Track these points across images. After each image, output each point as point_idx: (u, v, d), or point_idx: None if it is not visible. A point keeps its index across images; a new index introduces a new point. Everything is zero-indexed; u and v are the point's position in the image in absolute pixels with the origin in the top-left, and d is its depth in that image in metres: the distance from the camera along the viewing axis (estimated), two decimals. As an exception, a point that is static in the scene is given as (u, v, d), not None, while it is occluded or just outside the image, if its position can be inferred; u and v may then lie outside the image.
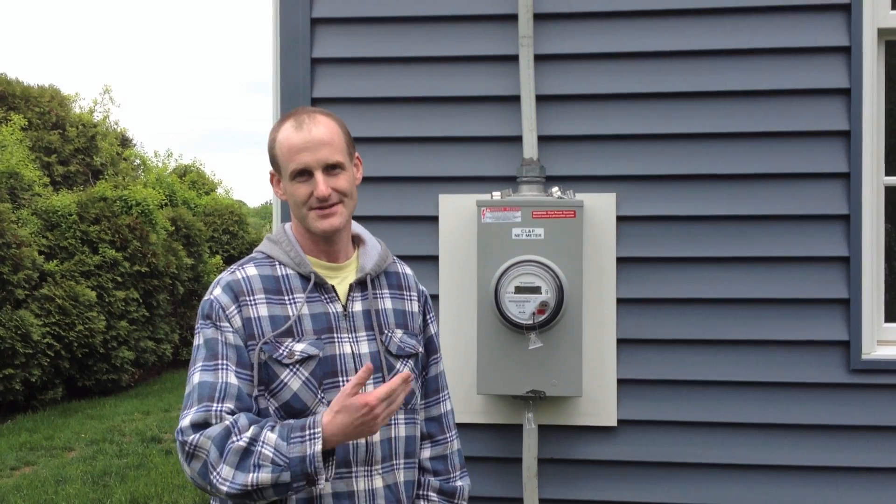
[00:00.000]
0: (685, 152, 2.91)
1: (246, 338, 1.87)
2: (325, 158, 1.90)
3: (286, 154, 1.90)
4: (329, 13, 3.02)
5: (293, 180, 1.91)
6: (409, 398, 2.00)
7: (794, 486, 2.89)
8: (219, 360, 1.84)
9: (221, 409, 1.79)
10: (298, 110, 1.97)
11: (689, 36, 2.90)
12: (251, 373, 1.85)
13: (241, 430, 1.76)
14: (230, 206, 16.19)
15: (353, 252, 2.04)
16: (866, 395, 2.86)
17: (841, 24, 2.85)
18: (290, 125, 1.92)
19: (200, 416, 1.78)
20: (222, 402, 1.80)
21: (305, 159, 1.89)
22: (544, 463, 2.95)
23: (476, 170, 2.98)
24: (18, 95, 12.58)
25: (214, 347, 1.85)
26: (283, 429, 1.77)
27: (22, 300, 9.41)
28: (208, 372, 1.83)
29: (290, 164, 1.90)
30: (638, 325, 2.93)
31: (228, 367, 1.84)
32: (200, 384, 1.82)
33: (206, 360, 1.85)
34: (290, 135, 1.91)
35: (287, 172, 1.91)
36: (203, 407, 1.79)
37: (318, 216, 1.91)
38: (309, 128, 1.90)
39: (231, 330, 1.86)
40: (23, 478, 6.89)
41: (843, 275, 2.86)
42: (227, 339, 1.86)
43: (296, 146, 1.89)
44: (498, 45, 2.96)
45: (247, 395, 1.84)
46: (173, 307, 12.58)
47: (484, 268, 2.81)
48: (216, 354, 1.85)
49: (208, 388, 1.81)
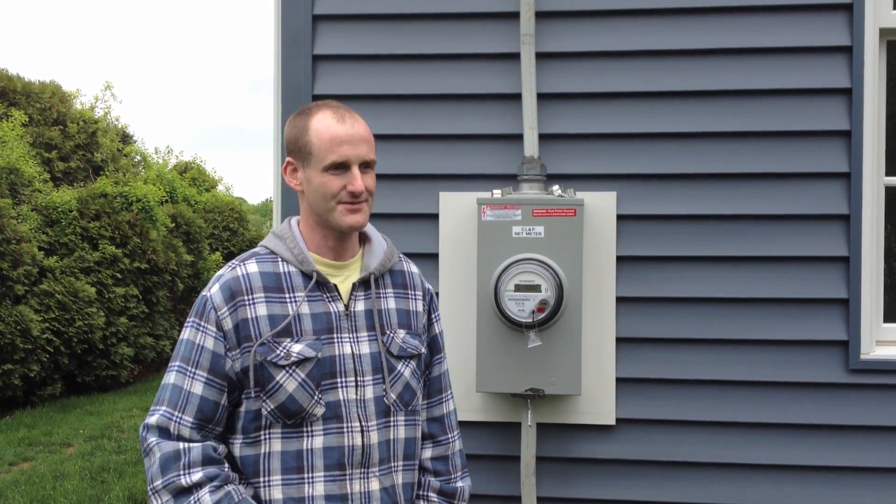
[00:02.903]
0: (686, 151, 2.91)
1: (240, 339, 1.87)
2: (363, 155, 1.89)
3: (326, 144, 1.87)
4: (330, 10, 3.02)
5: (326, 171, 1.88)
6: (409, 399, 1.99)
7: (793, 485, 2.89)
8: (189, 366, 1.88)
9: (181, 421, 1.85)
10: (329, 103, 1.95)
11: (691, 35, 2.90)
12: (223, 381, 1.88)
13: (190, 465, 1.82)
14: (230, 203, 16.19)
15: (359, 250, 2.03)
16: (865, 395, 2.87)
17: (843, 24, 2.85)
18: (329, 116, 1.89)
19: (164, 421, 1.85)
20: (183, 412, 1.85)
21: (347, 153, 1.87)
22: (543, 461, 2.95)
23: (477, 168, 2.98)
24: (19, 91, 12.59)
25: (190, 351, 1.88)
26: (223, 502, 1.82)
27: (21, 296, 9.42)
28: (181, 375, 1.89)
29: (329, 154, 1.87)
30: (637, 324, 2.93)
31: (197, 374, 1.87)
32: (172, 387, 1.88)
33: (182, 360, 1.90)
34: (331, 125, 1.88)
35: (322, 163, 1.87)
36: (167, 412, 1.86)
37: (348, 210, 1.89)
38: (352, 122, 1.90)
39: (213, 333, 1.87)
40: (21, 473, 6.90)
41: (843, 275, 2.86)
42: (204, 344, 1.87)
43: (339, 138, 1.87)
44: (499, 42, 2.96)
45: (212, 403, 1.87)
46: (173, 304, 12.58)
47: (484, 266, 2.81)
48: (189, 359, 1.88)
49: (176, 394, 1.87)
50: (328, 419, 1.87)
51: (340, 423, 1.88)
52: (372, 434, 1.90)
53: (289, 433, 1.87)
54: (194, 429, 1.85)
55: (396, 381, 1.95)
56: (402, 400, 1.96)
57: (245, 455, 1.89)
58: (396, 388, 1.95)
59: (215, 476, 1.82)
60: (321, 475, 1.86)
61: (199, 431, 1.86)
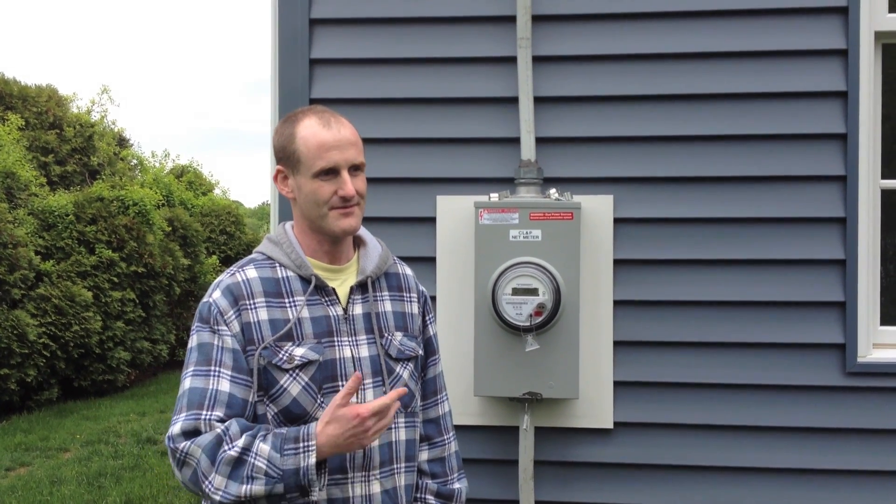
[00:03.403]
0: (682, 154, 2.91)
1: (245, 343, 1.86)
2: (352, 158, 1.89)
3: (314, 150, 1.87)
4: (328, 14, 3.02)
5: (316, 178, 1.87)
6: (408, 401, 1.99)
7: (790, 488, 2.89)
8: (212, 366, 1.83)
9: (211, 417, 1.78)
10: (314, 108, 1.95)
11: (687, 38, 2.91)
12: (249, 377, 1.84)
13: (233, 439, 1.75)
14: (227, 206, 16.18)
15: (354, 254, 2.03)
16: (862, 397, 2.87)
17: (838, 28, 2.86)
18: (314, 122, 1.89)
19: (190, 424, 1.78)
20: (212, 409, 1.79)
21: (335, 158, 1.87)
22: (541, 465, 2.95)
23: (474, 171, 2.98)
24: (16, 95, 12.57)
25: (209, 352, 1.84)
26: (276, 439, 1.76)
27: (18, 300, 9.40)
28: (200, 377, 1.82)
29: (317, 161, 1.87)
30: (634, 328, 2.93)
31: (222, 372, 1.82)
32: (191, 390, 1.81)
33: (198, 364, 1.84)
34: (317, 131, 1.88)
35: (312, 170, 1.87)
36: (192, 414, 1.79)
37: (340, 215, 1.89)
38: (338, 127, 1.89)
39: (229, 334, 1.85)
40: (18, 479, 6.88)
41: (839, 278, 2.87)
42: (224, 344, 1.84)
43: (326, 143, 1.87)
44: (496, 46, 2.96)
45: (241, 400, 1.82)
46: (170, 308, 12.56)
47: (481, 269, 2.81)
48: (210, 360, 1.83)
49: (199, 395, 1.80)
50: None
51: None
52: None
53: None
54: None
55: (396, 384, 1.95)
56: (402, 402, 1.96)
57: None
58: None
59: (258, 431, 1.78)
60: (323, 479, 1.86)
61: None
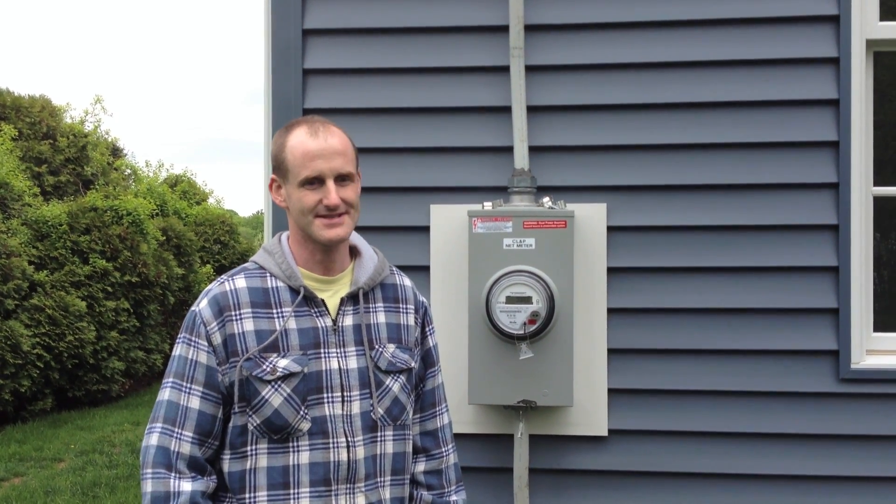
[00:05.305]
0: (675, 163, 2.92)
1: (228, 354, 1.88)
2: (338, 168, 1.89)
3: (299, 160, 1.88)
4: (321, 24, 3.03)
5: (302, 187, 1.88)
6: (398, 414, 1.99)
7: (784, 495, 2.89)
8: (184, 382, 1.89)
9: (181, 437, 1.86)
10: (309, 118, 1.96)
11: (679, 47, 2.92)
12: (218, 394, 1.89)
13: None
14: (221, 215, 16.17)
15: (349, 264, 2.02)
16: (855, 404, 2.87)
17: (830, 36, 2.87)
18: (303, 131, 1.90)
19: (164, 439, 1.86)
20: (183, 427, 1.87)
21: (320, 167, 1.87)
22: (535, 473, 2.94)
23: (467, 180, 2.98)
24: (9, 105, 12.56)
25: (184, 367, 1.90)
26: None
27: (12, 310, 9.37)
28: (175, 391, 1.90)
29: (302, 170, 1.88)
30: (628, 335, 2.93)
31: (192, 389, 1.88)
32: (168, 403, 1.90)
33: (175, 376, 1.90)
34: (304, 140, 1.89)
35: (297, 178, 1.88)
36: (166, 429, 1.87)
37: (325, 225, 1.89)
38: (325, 136, 1.90)
39: (205, 348, 1.88)
40: (12, 489, 6.85)
41: (833, 284, 2.88)
42: (197, 358, 1.89)
43: (311, 153, 1.88)
44: (489, 55, 2.97)
45: (210, 416, 1.88)
46: (164, 317, 12.53)
47: (475, 278, 2.81)
48: (184, 375, 1.90)
49: (173, 410, 1.88)
50: (314, 434, 1.88)
51: (326, 438, 1.88)
52: (358, 449, 1.91)
53: (275, 448, 1.87)
54: (195, 444, 1.86)
55: (384, 396, 1.95)
56: (391, 415, 1.96)
57: (232, 471, 1.90)
58: (384, 402, 1.95)
59: None
60: (307, 491, 1.87)
61: (200, 447, 1.87)
